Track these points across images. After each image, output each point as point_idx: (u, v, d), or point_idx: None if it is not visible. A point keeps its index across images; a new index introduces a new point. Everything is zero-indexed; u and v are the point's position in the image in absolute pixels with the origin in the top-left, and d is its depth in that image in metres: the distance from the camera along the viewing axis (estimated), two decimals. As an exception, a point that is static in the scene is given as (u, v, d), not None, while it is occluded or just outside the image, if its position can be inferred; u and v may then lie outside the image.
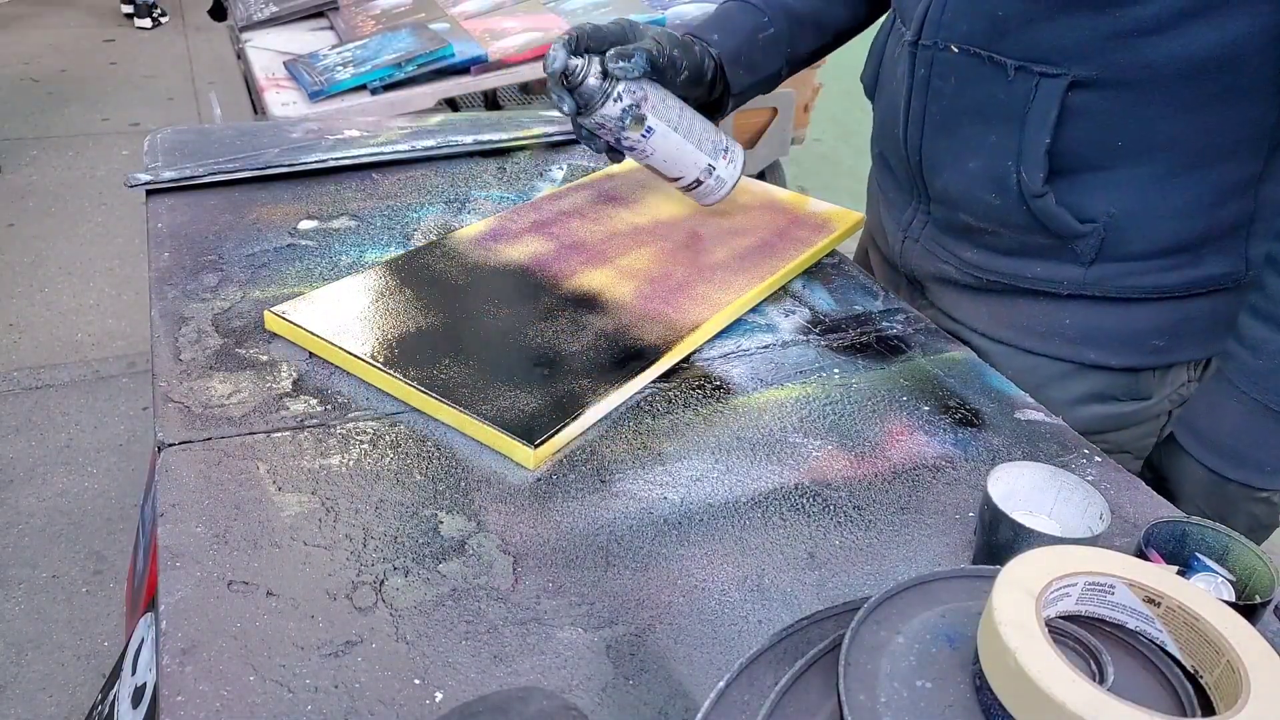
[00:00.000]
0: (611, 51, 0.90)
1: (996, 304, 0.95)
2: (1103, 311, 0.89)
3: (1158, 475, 0.88)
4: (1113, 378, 0.92)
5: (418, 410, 0.82)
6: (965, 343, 0.98)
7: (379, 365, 0.83)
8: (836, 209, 1.21)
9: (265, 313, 0.90)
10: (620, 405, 0.85)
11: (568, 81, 0.90)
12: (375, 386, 0.84)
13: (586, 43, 0.90)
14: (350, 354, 0.85)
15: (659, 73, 0.93)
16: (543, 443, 0.77)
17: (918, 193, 0.96)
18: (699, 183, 1.00)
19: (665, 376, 0.90)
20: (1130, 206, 0.82)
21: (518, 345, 0.88)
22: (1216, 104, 0.77)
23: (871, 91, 1.02)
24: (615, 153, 0.98)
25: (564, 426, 0.78)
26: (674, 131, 0.95)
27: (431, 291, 0.95)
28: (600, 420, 0.83)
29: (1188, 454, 0.84)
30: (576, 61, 0.89)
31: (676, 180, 1.01)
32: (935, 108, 0.88)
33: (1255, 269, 0.84)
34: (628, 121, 0.92)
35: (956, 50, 0.84)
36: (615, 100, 0.91)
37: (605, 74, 0.90)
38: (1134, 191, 0.82)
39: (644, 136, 0.93)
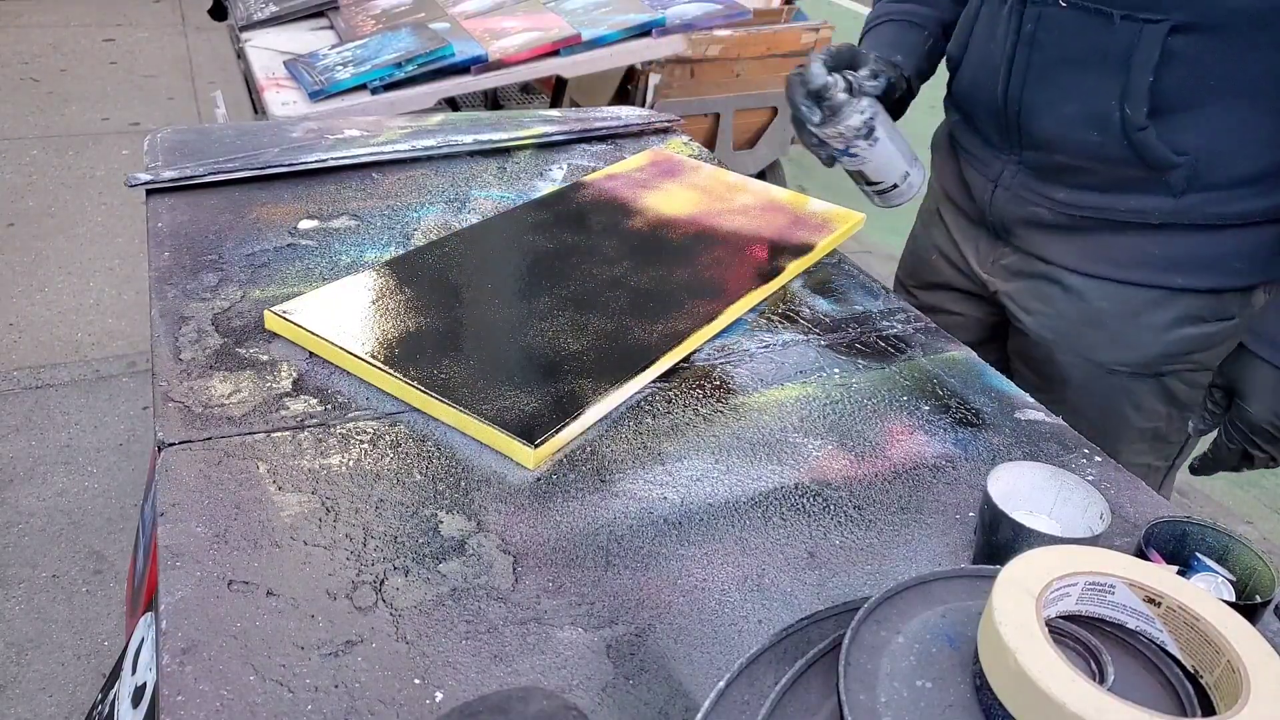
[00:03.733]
0: (865, 72, 1.04)
1: (1086, 240, 1.02)
2: (1188, 239, 0.97)
3: (1227, 385, 0.96)
4: (1199, 300, 0.99)
5: (418, 410, 0.82)
6: (1056, 282, 1.05)
7: (379, 365, 0.83)
8: (836, 209, 1.21)
9: (265, 312, 0.90)
10: (620, 405, 0.85)
11: (819, 98, 1.03)
12: (375, 386, 0.84)
13: (838, 61, 1.05)
14: (350, 353, 0.85)
15: (884, 92, 1.07)
16: (543, 442, 0.77)
17: (1010, 143, 1.04)
18: (895, 186, 1.10)
19: (665, 376, 0.90)
20: (1219, 140, 0.91)
21: (518, 345, 0.88)
22: None
23: (958, 62, 1.11)
24: (832, 162, 1.09)
25: (564, 426, 0.78)
26: (890, 143, 1.07)
27: (431, 291, 0.95)
28: (600, 420, 0.83)
29: (1258, 358, 0.92)
30: (830, 79, 1.02)
31: (878, 184, 1.11)
32: (1038, 58, 0.97)
33: None
34: (863, 133, 1.04)
35: (1064, 5, 0.94)
36: (860, 114, 1.03)
37: (849, 89, 1.03)
38: (1223, 126, 0.91)
39: (870, 146, 1.05)
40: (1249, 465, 0.98)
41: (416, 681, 0.59)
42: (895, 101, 1.13)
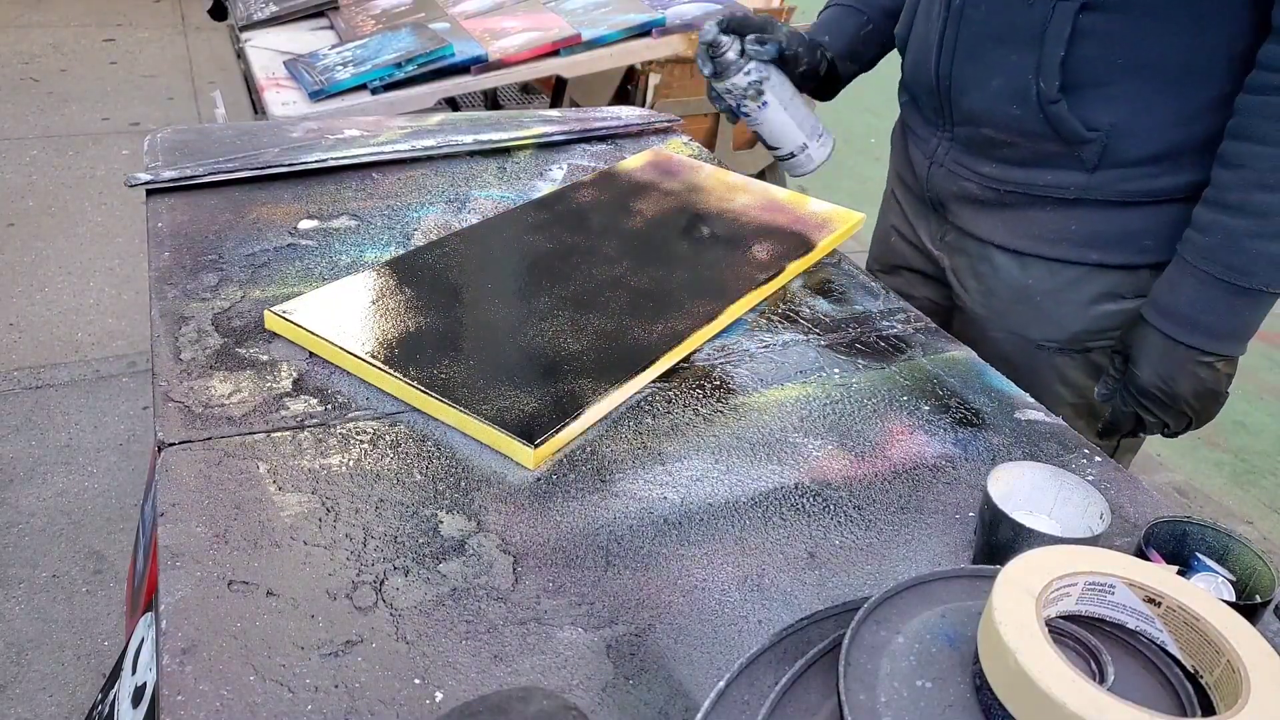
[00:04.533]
0: (752, 36, 1.12)
1: (1011, 216, 1.06)
2: (1102, 215, 1.00)
3: (1123, 351, 1.00)
4: (1116, 276, 1.03)
5: (418, 410, 0.82)
6: (986, 259, 1.09)
7: (379, 365, 0.83)
8: (836, 209, 1.21)
9: (265, 312, 0.90)
10: (620, 405, 0.85)
11: (711, 51, 1.13)
12: (375, 386, 0.84)
13: (733, 24, 1.13)
14: (350, 354, 0.85)
15: (783, 62, 1.15)
16: (543, 442, 0.77)
17: (943, 119, 1.09)
18: (792, 155, 1.18)
19: (665, 376, 0.90)
20: (1127, 118, 0.95)
21: (518, 345, 0.88)
22: (1195, 27, 0.91)
23: (904, 43, 1.16)
24: (733, 117, 1.18)
25: (564, 426, 0.78)
26: (783, 110, 1.14)
27: (431, 291, 0.95)
28: (600, 420, 0.83)
29: (1149, 325, 0.96)
30: (724, 38, 1.11)
31: (775, 149, 1.19)
32: (966, 33, 1.02)
33: None
34: (750, 93, 1.12)
35: None
36: (745, 74, 1.12)
37: (743, 52, 1.12)
38: (1130, 104, 0.95)
39: (759, 109, 1.14)
40: (1143, 429, 1.02)
41: (416, 681, 0.59)
42: (822, 81, 1.21)
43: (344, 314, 0.90)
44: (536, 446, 0.76)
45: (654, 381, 0.89)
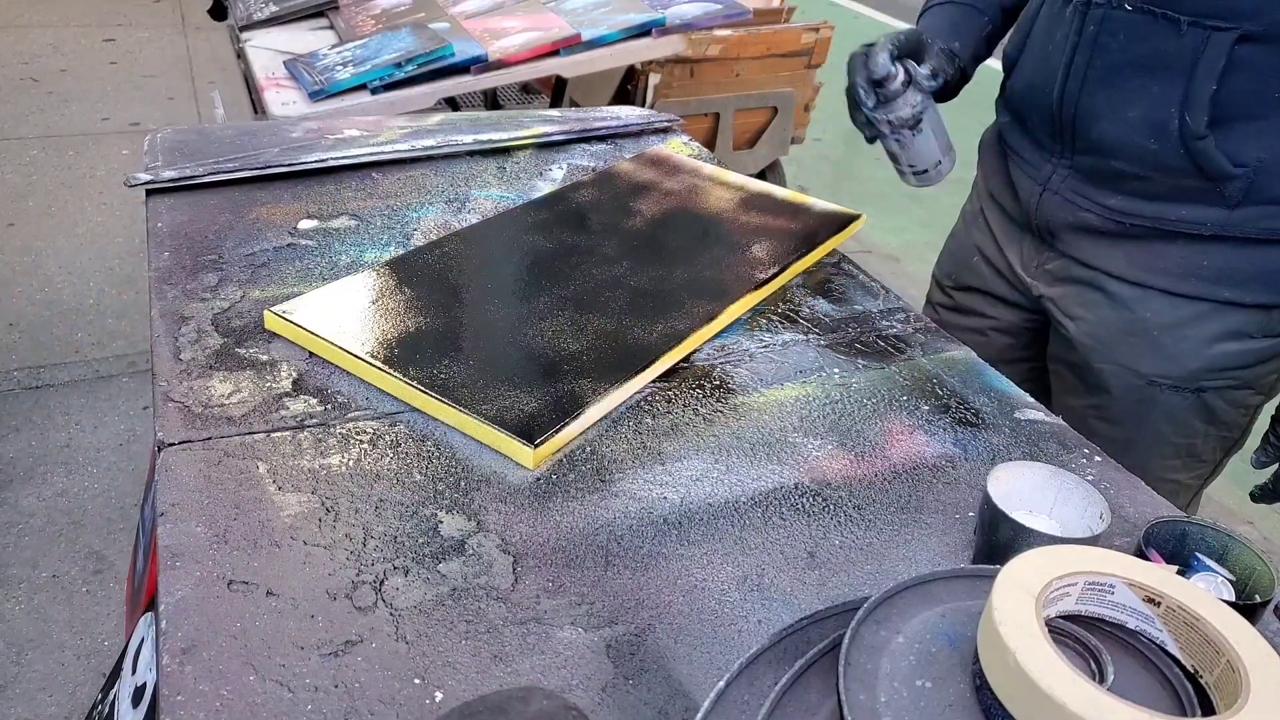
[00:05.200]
0: (926, 70, 1.05)
1: (1135, 248, 1.01)
2: (1240, 253, 0.95)
3: None
4: (1246, 315, 0.98)
5: (418, 410, 0.82)
6: (1100, 289, 1.04)
7: (379, 365, 0.83)
8: (837, 208, 1.21)
9: (265, 312, 0.90)
10: (620, 405, 0.85)
11: (878, 83, 1.05)
12: (375, 386, 0.84)
13: (901, 49, 1.05)
14: (350, 353, 0.85)
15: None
16: (543, 442, 0.77)
17: (1062, 146, 1.03)
18: (925, 172, 1.14)
19: (665, 376, 0.90)
20: (1278, 153, 0.90)
21: (518, 345, 0.88)
22: None
23: (1014, 62, 1.11)
24: (873, 139, 1.11)
25: (564, 426, 0.78)
26: (932, 134, 1.10)
27: (431, 291, 0.95)
28: (600, 420, 0.83)
29: None
30: (894, 68, 1.04)
31: (911, 167, 1.14)
32: (1100, 62, 0.96)
33: None
34: (909, 123, 1.07)
35: (1130, 9, 0.93)
36: (911, 106, 1.06)
37: (908, 83, 1.05)
38: None
39: (913, 136, 1.09)
40: None
41: (416, 681, 0.59)
42: (949, 87, 1.14)
43: (344, 314, 0.90)
44: (536, 446, 0.76)
45: (654, 381, 0.89)
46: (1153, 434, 1.04)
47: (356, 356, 0.84)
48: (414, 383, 0.81)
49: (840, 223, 1.17)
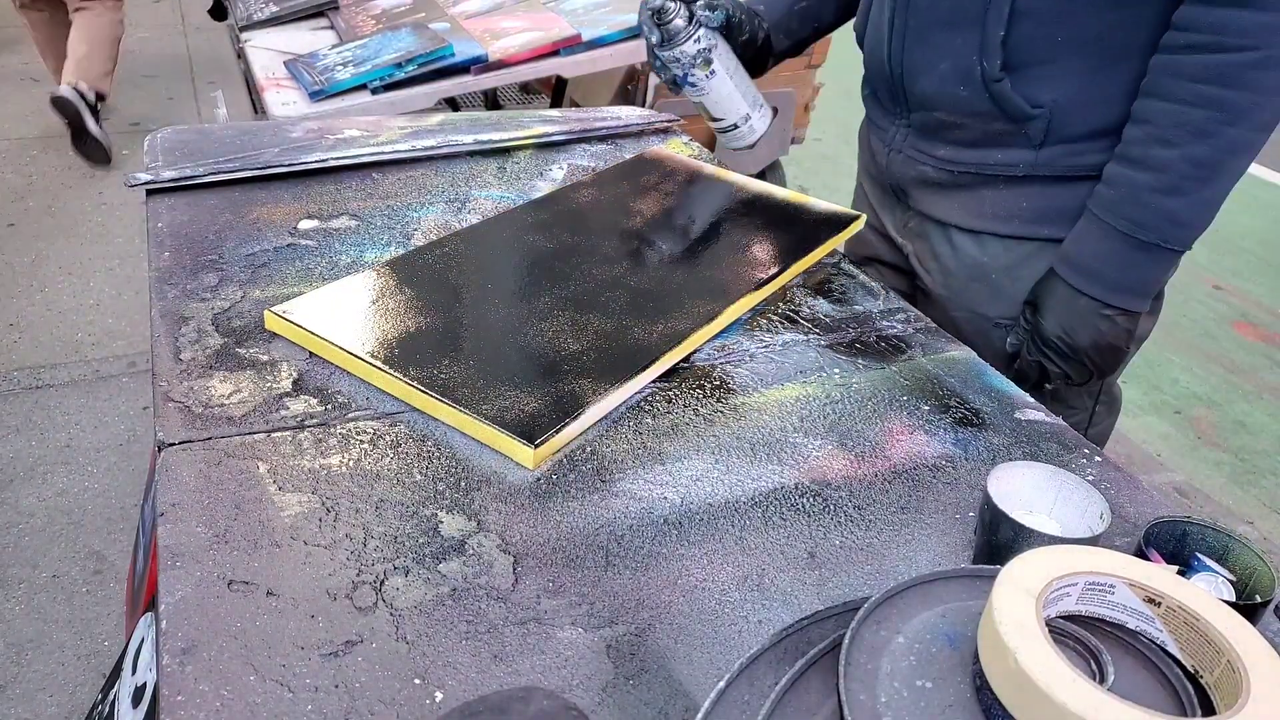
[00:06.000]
0: (701, 2, 1.10)
1: (966, 196, 1.09)
2: (1050, 190, 1.03)
3: (1033, 301, 1.03)
4: None
5: (418, 410, 0.82)
6: (945, 240, 1.12)
7: (379, 365, 0.83)
8: (837, 208, 1.21)
9: (266, 312, 0.90)
10: (620, 405, 0.85)
11: (658, 18, 1.09)
12: (375, 386, 0.84)
13: None
14: (350, 353, 0.85)
15: (728, 30, 1.14)
16: (543, 442, 0.77)
17: (899, 106, 1.11)
18: (735, 127, 1.17)
19: (665, 376, 0.90)
20: (1070, 94, 0.98)
21: (518, 345, 0.88)
22: (1133, 4, 0.92)
23: (862, 38, 1.17)
24: (676, 87, 1.15)
25: (564, 426, 0.78)
26: (729, 79, 1.13)
27: (431, 291, 0.95)
28: (600, 420, 0.83)
29: (1056, 275, 1.00)
30: (671, 3, 1.08)
31: (718, 121, 1.17)
32: (914, 22, 1.04)
33: None
34: (698, 61, 1.10)
35: None
36: (695, 41, 1.09)
37: (690, 19, 1.09)
38: (1072, 81, 0.97)
39: (707, 77, 1.11)
40: (1047, 380, 1.04)
41: (416, 681, 0.59)
42: (754, 53, 1.20)
43: (344, 314, 0.90)
44: (537, 446, 0.76)
45: (654, 381, 0.89)
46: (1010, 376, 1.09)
47: (357, 356, 0.84)
48: (414, 383, 0.81)
49: (840, 223, 1.17)
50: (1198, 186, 0.91)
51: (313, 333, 0.87)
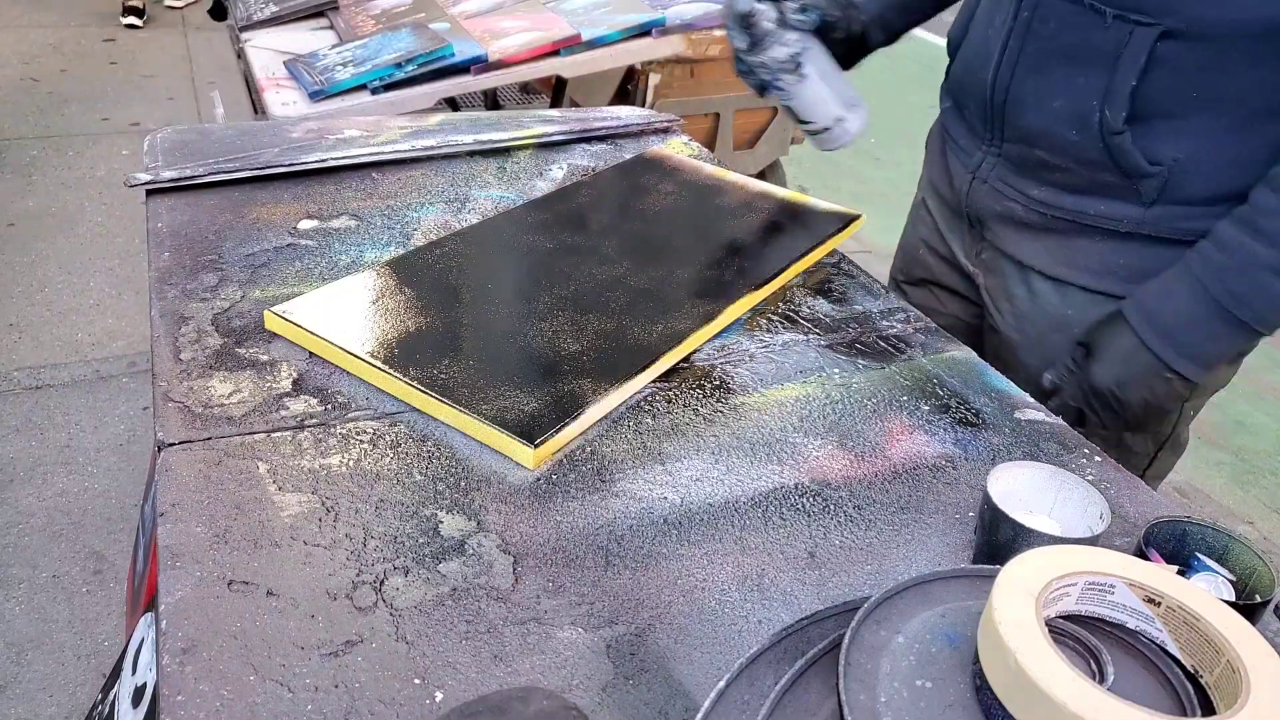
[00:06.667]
0: (794, 4, 1.02)
1: (1056, 242, 1.01)
2: (1155, 252, 0.96)
3: (1088, 343, 0.97)
4: None
5: (418, 410, 0.82)
6: (1023, 283, 1.05)
7: (379, 365, 0.83)
8: (837, 208, 1.21)
9: (265, 312, 0.90)
10: (620, 405, 0.85)
11: (744, 22, 1.01)
12: (375, 386, 0.84)
13: None
14: (350, 353, 0.85)
15: (822, 29, 1.05)
16: (543, 442, 0.77)
17: (993, 134, 1.04)
18: (827, 130, 1.09)
19: (665, 376, 0.90)
20: (1195, 154, 0.90)
21: (518, 345, 0.88)
22: (1278, 63, 0.85)
23: (955, 45, 1.11)
24: (762, 90, 1.07)
25: (564, 426, 0.78)
26: (820, 83, 1.05)
27: (432, 291, 0.95)
28: (600, 420, 0.83)
29: (1126, 323, 0.94)
30: (760, 5, 1.00)
31: (808, 124, 1.10)
32: (1031, 48, 0.96)
33: None
34: (788, 66, 1.02)
35: None
36: (784, 46, 1.01)
37: (781, 21, 1.01)
38: (1201, 140, 0.90)
39: (797, 82, 1.04)
40: (1080, 425, 0.98)
41: (416, 681, 0.59)
42: (848, 47, 1.11)
43: (344, 314, 0.90)
44: (536, 446, 0.76)
45: (654, 381, 0.89)
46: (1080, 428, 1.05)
47: (357, 356, 0.84)
48: (414, 383, 0.81)
49: (840, 223, 1.17)
50: None
51: (312, 333, 0.87)
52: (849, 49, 1.12)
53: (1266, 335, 0.91)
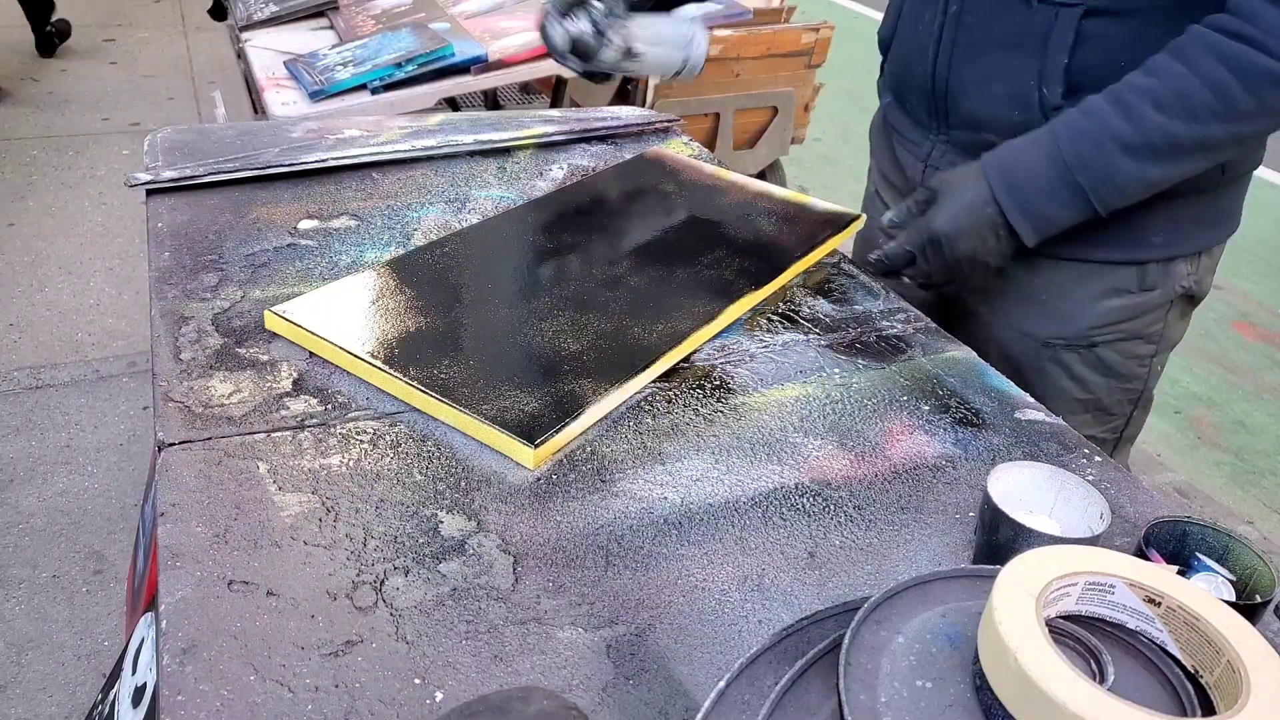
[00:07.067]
0: (600, 6, 1.04)
1: None
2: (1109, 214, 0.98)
3: (934, 188, 0.99)
4: (1123, 273, 1.03)
5: (418, 410, 0.82)
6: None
7: (379, 364, 0.83)
8: (837, 208, 1.21)
9: (265, 312, 0.90)
10: (620, 405, 0.85)
11: (573, 48, 1.05)
12: (375, 386, 0.84)
13: (565, 5, 1.05)
14: (350, 353, 0.85)
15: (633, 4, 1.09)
16: (543, 442, 0.77)
17: (938, 123, 1.08)
18: (677, 73, 1.14)
19: (665, 376, 0.90)
20: None
21: (518, 345, 0.88)
22: None
23: (887, 43, 1.15)
24: (606, 77, 1.13)
25: (564, 426, 0.78)
26: (655, 48, 1.09)
27: (432, 291, 0.95)
28: (600, 420, 0.83)
29: (982, 174, 0.95)
30: (572, 27, 1.04)
31: (664, 77, 1.18)
32: (964, 39, 1.01)
33: (1229, 168, 0.99)
34: (622, 61, 1.07)
35: None
36: (610, 49, 1.05)
37: (596, 31, 1.04)
38: None
39: (637, 59, 1.08)
40: (909, 273, 1.01)
41: (416, 681, 0.59)
42: None
43: (344, 314, 0.90)
44: (537, 446, 0.76)
45: (654, 381, 0.89)
46: (1058, 393, 1.08)
47: (356, 356, 0.84)
48: (414, 382, 0.81)
49: (840, 223, 1.17)
50: (1154, 161, 0.89)
51: (312, 332, 0.87)
52: None
53: (1101, 212, 0.93)
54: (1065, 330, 1.06)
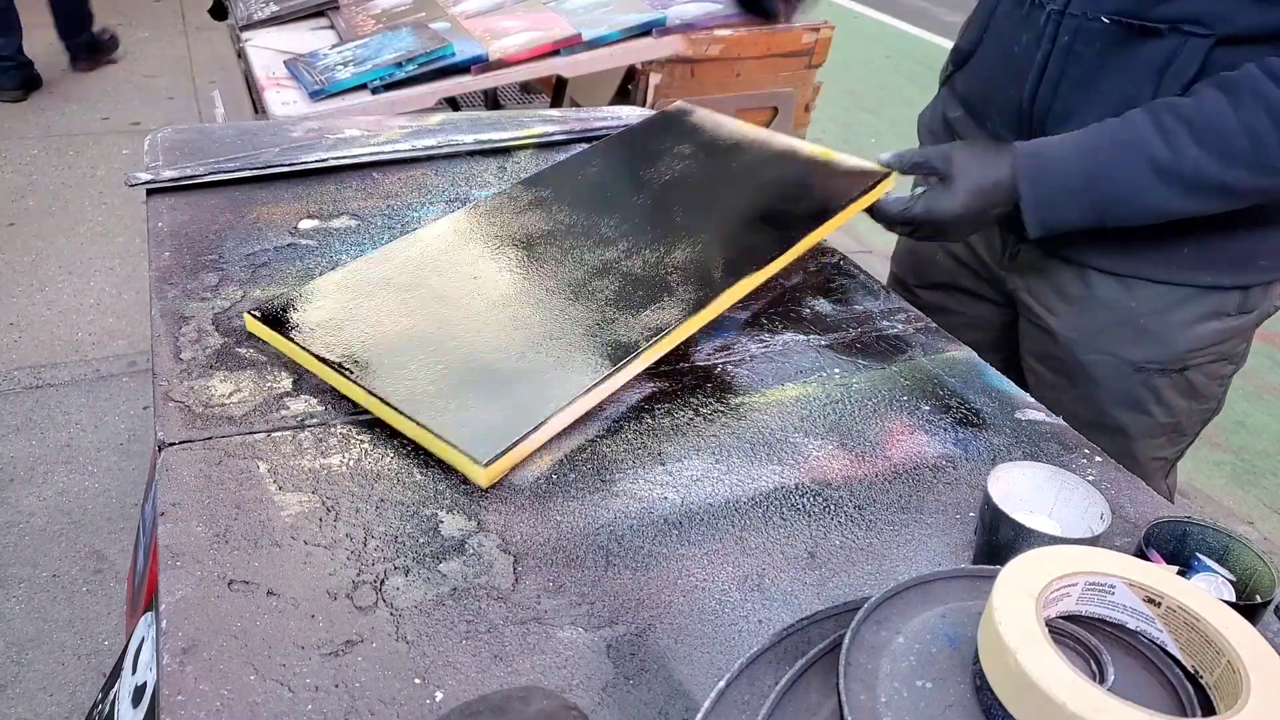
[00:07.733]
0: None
1: (1115, 239, 1.01)
2: (1215, 239, 0.97)
3: (952, 165, 0.97)
4: (1225, 296, 1.01)
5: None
6: (1080, 280, 1.05)
7: (335, 368, 0.80)
8: (866, 164, 1.12)
9: (245, 315, 0.88)
10: (620, 391, 0.85)
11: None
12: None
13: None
14: (315, 357, 0.82)
15: None
16: (493, 461, 0.73)
17: None
18: None
19: (665, 377, 0.90)
20: None
21: (493, 345, 0.84)
22: None
23: (967, 57, 1.11)
24: None
25: (518, 444, 0.75)
26: None
27: (402, 291, 0.91)
28: (600, 420, 0.83)
29: (1015, 159, 0.94)
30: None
31: None
32: (1075, 69, 0.97)
33: None
34: None
35: (1108, 21, 0.94)
36: None
37: None
38: None
39: None
40: (901, 229, 1.02)
41: (416, 681, 0.59)
42: None
43: (314, 315, 0.87)
44: (487, 466, 0.73)
45: (654, 381, 0.89)
46: (1142, 416, 1.06)
47: (320, 359, 0.81)
48: (371, 389, 0.78)
49: (871, 178, 1.08)
50: (1179, 191, 0.88)
51: (279, 336, 0.84)
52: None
53: (1107, 224, 0.92)
54: (1161, 354, 1.03)
